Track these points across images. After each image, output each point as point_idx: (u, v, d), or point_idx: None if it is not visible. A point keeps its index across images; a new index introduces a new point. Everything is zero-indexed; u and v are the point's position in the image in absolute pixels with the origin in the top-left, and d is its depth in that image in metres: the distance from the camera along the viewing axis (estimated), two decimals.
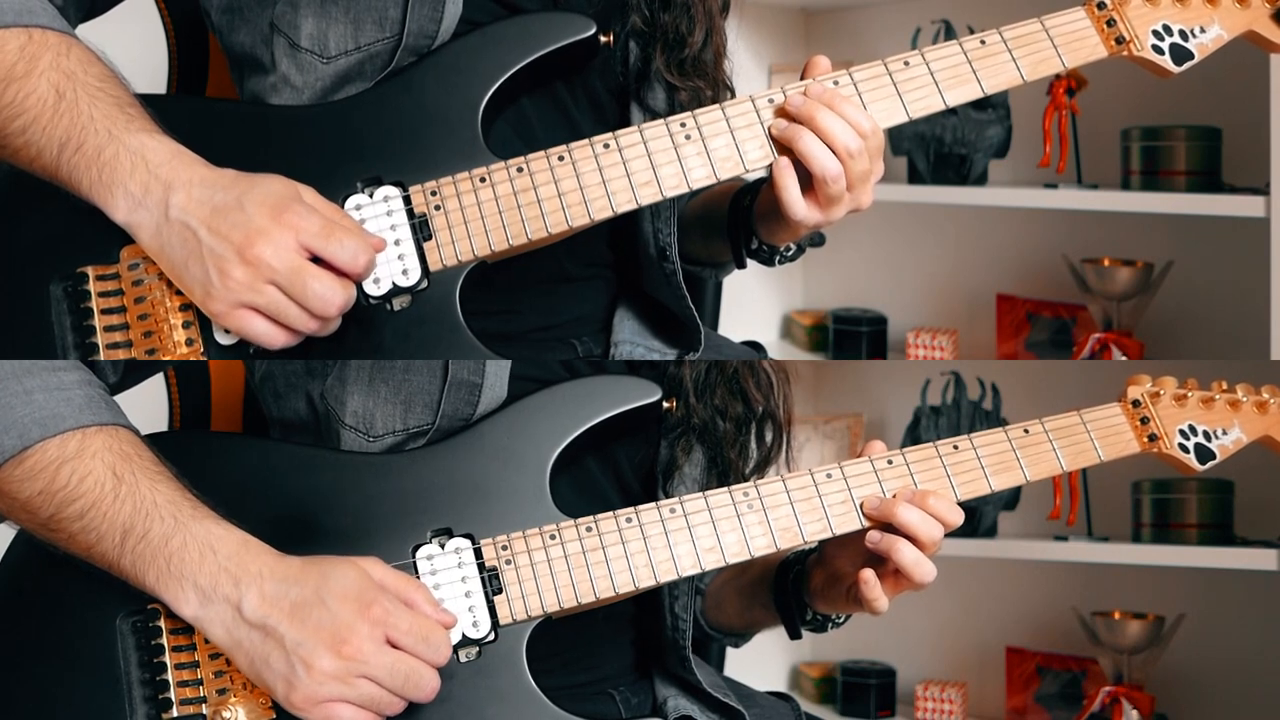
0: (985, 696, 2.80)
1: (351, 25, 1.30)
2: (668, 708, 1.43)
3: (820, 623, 1.47)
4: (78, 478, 1.21)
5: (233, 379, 1.57)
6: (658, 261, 1.44)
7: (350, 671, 1.18)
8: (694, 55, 1.43)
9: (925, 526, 1.32)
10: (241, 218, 1.17)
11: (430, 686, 1.20)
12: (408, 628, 1.20)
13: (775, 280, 2.99)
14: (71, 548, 1.23)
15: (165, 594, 1.21)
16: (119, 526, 1.21)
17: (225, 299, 1.18)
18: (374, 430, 1.33)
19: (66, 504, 1.21)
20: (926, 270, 2.90)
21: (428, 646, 1.20)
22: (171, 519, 1.21)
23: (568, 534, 1.30)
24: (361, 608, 1.19)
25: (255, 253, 1.17)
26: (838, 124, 1.30)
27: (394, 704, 1.20)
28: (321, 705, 1.18)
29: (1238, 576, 2.45)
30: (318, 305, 1.18)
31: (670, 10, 1.43)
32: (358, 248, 1.20)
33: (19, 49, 1.22)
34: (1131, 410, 1.45)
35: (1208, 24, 1.39)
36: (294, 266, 1.17)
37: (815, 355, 2.93)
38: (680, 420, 1.42)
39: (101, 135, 1.20)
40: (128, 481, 1.22)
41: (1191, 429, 1.46)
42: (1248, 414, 1.48)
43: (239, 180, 1.20)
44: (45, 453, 1.21)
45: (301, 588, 1.19)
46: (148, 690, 1.24)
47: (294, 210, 1.18)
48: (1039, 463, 1.40)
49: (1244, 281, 2.44)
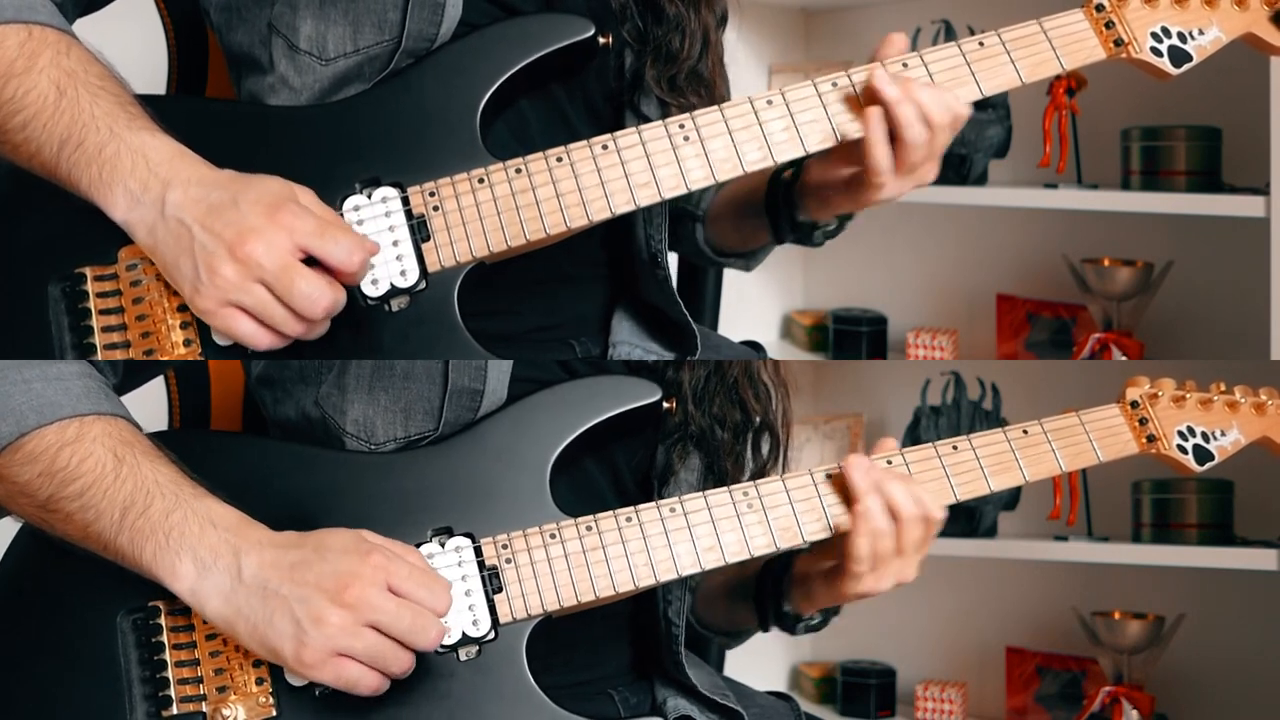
0: (985, 696, 2.80)
1: (350, 27, 1.30)
2: (667, 707, 1.43)
3: (791, 621, 1.46)
4: (78, 459, 1.22)
5: (233, 379, 1.57)
6: (650, 267, 1.44)
7: (356, 620, 1.18)
8: (688, 70, 1.43)
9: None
10: (235, 216, 1.17)
11: (435, 632, 1.20)
12: (407, 573, 1.20)
13: (775, 280, 2.99)
14: (68, 529, 1.23)
15: (161, 568, 1.21)
16: (119, 504, 1.21)
17: (213, 296, 1.18)
18: (375, 438, 1.33)
19: (66, 484, 1.22)
20: (926, 270, 2.90)
21: (429, 593, 1.21)
22: (174, 496, 1.22)
23: (568, 533, 1.30)
24: (360, 556, 1.19)
25: (246, 250, 1.16)
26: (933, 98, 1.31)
27: (399, 657, 1.19)
28: (332, 660, 1.18)
29: (1238, 576, 2.45)
30: (304, 305, 1.18)
31: (662, 25, 1.43)
32: (352, 245, 1.19)
33: (19, 45, 1.22)
34: (1130, 411, 1.45)
35: (1206, 26, 1.39)
36: (283, 265, 1.17)
37: (815, 355, 2.93)
38: (678, 426, 1.42)
39: (103, 133, 1.20)
40: (129, 462, 1.23)
41: (1190, 430, 1.47)
42: (1246, 415, 1.48)
43: (236, 180, 1.20)
44: (44, 438, 1.22)
45: (300, 551, 1.20)
46: (147, 688, 1.24)
47: (289, 209, 1.18)
48: (1038, 463, 1.40)
49: (1244, 281, 2.44)
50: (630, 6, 1.43)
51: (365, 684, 1.19)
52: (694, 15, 1.44)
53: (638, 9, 1.43)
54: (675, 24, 1.43)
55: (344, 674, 1.18)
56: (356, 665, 1.18)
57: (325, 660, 1.18)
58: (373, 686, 1.19)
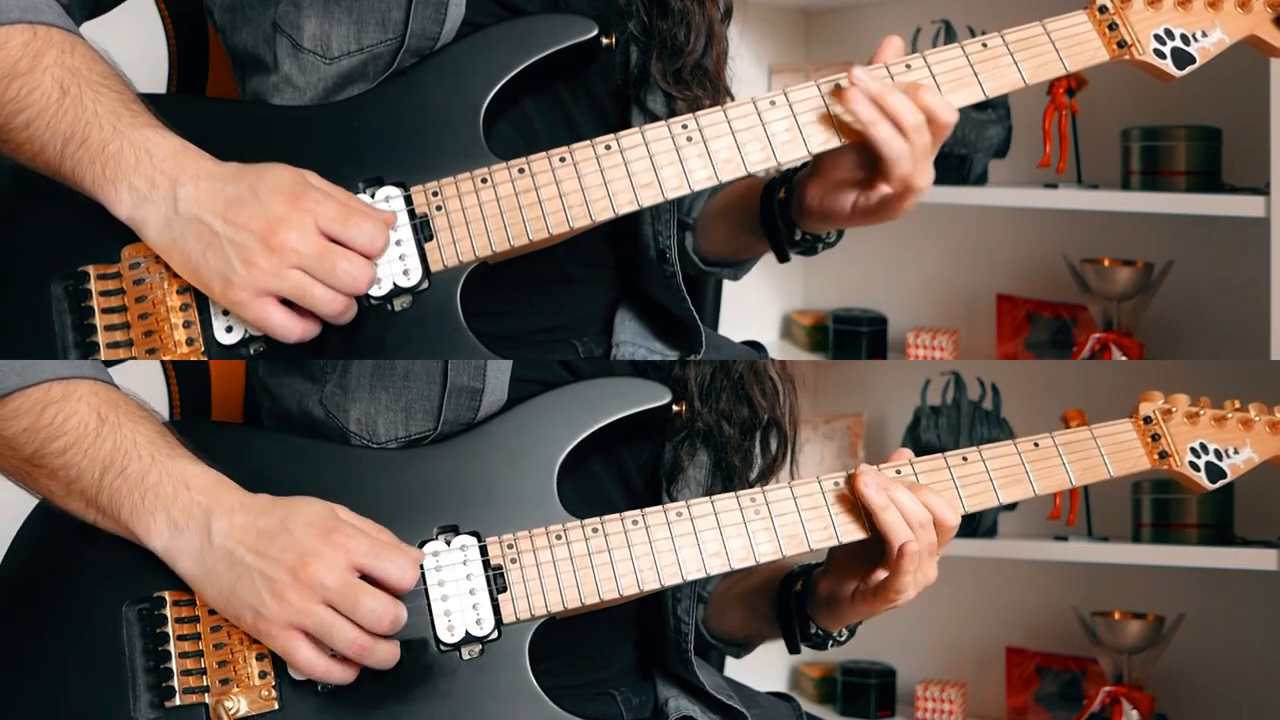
0: (985, 696, 2.80)
1: (354, 26, 1.30)
2: (669, 709, 1.43)
3: (821, 639, 1.47)
4: (62, 417, 1.25)
5: (233, 378, 1.57)
6: (658, 264, 1.43)
7: (309, 598, 1.20)
8: (693, 64, 1.43)
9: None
10: (258, 207, 1.18)
11: (390, 616, 1.21)
12: (367, 548, 1.22)
13: (775, 280, 2.99)
14: (51, 485, 1.26)
15: (138, 527, 1.24)
16: (99, 463, 1.24)
17: (250, 286, 1.19)
18: (377, 437, 1.33)
19: (50, 440, 1.25)
20: (926, 270, 2.90)
21: (394, 566, 1.22)
22: (150, 457, 1.24)
23: (573, 534, 1.30)
24: (323, 534, 1.22)
25: (279, 240, 1.18)
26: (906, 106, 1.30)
27: (348, 637, 1.21)
28: (287, 632, 1.21)
29: (1238, 576, 2.45)
30: (347, 282, 1.20)
31: (667, 19, 1.42)
32: (374, 230, 1.21)
33: (23, 45, 1.22)
34: (1143, 427, 1.44)
35: (1210, 28, 1.39)
36: (320, 248, 1.19)
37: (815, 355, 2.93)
38: (685, 424, 1.42)
39: (106, 130, 1.21)
40: (110, 422, 1.26)
41: (1203, 447, 1.46)
42: (1260, 433, 1.47)
43: (245, 171, 1.21)
44: (29, 397, 1.25)
45: (269, 519, 1.23)
46: (151, 678, 1.25)
47: (310, 196, 1.20)
48: (1048, 476, 1.40)
49: (1244, 281, 2.44)
50: (636, 2, 1.43)
51: (315, 668, 1.22)
52: (699, 9, 1.44)
53: (643, 4, 1.43)
54: (681, 17, 1.43)
55: (295, 650, 1.22)
56: (307, 645, 1.21)
57: (281, 631, 1.21)
58: (321, 671, 1.22)
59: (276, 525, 1.22)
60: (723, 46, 1.48)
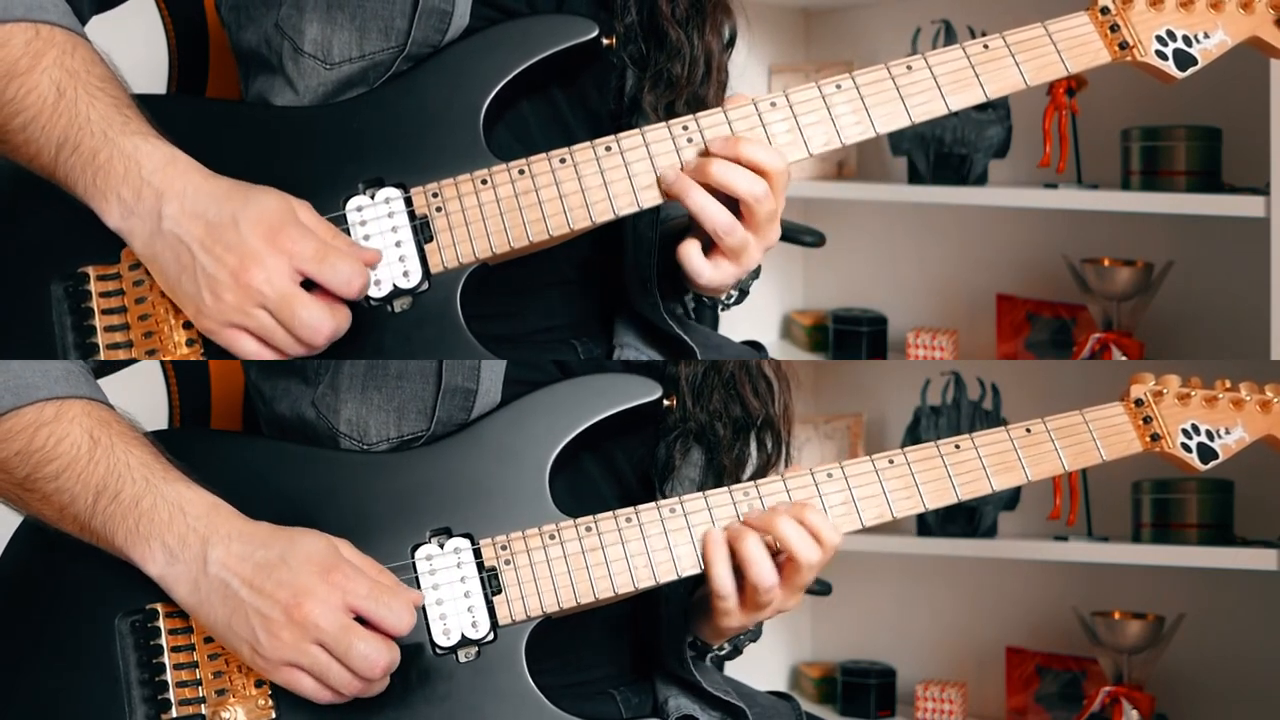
0: (985, 696, 2.80)
1: (357, 33, 1.30)
2: (669, 707, 1.43)
3: (700, 651, 1.45)
4: (55, 440, 1.23)
5: (233, 379, 1.57)
6: (641, 295, 1.43)
7: (303, 637, 1.19)
8: (689, 96, 1.41)
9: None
10: (236, 238, 1.17)
11: (384, 661, 1.20)
12: (366, 592, 1.21)
13: (775, 280, 2.99)
14: (44, 509, 1.25)
15: (133, 553, 1.23)
16: (92, 488, 1.23)
17: (217, 319, 1.19)
18: (367, 438, 1.33)
19: (43, 464, 1.23)
20: (926, 270, 2.91)
21: (390, 612, 1.21)
22: (143, 480, 1.23)
23: (567, 534, 1.30)
24: (321, 573, 1.20)
25: (248, 278, 1.17)
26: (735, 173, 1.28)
27: (344, 680, 1.20)
28: (284, 669, 1.20)
29: (1238, 576, 2.45)
30: (306, 334, 1.19)
31: (663, 50, 1.41)
32: (351, 272, 1.19)
33: (25, 44, 1.22)
34: (1134, 409, 1.45)
35: (1211, 30, 1.38)
36: (284, 294, 1.18)
37: (815, 355, 2.93)
38: (677, 422, 1.42)
39: (97, 137, 1.20)
40: (103, 445, 1.24)
41: (1194, 428, 1.46)
42: (1251, 413, 1.47)
43: (232, 194, 1.20)
44: (22, 417, 1.24)
45: (268, 551, 1.21)
46: (147, 690, 1.24)
47: (288, 233, 1.18)
48: (1041, 462, 1.40)
49: (1244, 281, 2.44)
50: (635, 29, 1.42)
51: (322, 697, 1.21)
52: (697, 40, 1.42)
53: (642, 32, 1.42)
54: (675, 50, 1.41)
55: (297, 683, 1.21)
56: (309, 678, 1.20)
57: (278, 668, 1.20)
58: (328, 699, 1.21)
59: (275, 559, 1.20)
60: (723, 77, 1.45)
